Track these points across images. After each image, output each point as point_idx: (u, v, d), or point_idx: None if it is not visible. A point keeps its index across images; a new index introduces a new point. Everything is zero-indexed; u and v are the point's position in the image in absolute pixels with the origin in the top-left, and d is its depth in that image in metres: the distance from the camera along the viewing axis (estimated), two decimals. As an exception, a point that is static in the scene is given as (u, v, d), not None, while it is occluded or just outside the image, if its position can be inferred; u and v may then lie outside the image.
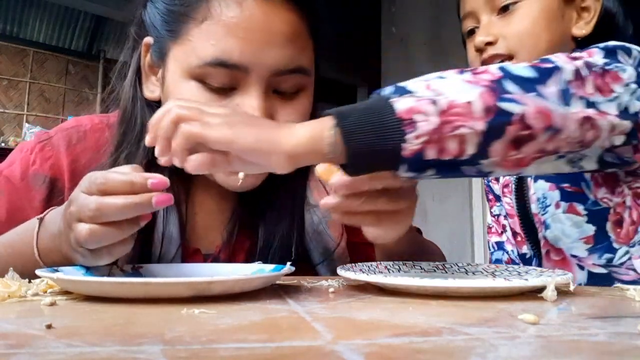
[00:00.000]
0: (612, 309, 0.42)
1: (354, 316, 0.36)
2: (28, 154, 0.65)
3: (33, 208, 0.63)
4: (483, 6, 0.78)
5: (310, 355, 0.25)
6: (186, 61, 0.58)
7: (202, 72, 0.57)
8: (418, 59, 3.30)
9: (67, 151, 0.65)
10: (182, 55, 0.59)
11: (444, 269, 0.59)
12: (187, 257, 0.66)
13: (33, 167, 0.64)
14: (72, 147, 0.66)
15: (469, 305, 0.41)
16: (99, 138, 0.67)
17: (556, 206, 0.73)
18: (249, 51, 0.56)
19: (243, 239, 0.70)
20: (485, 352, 0.26)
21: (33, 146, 0.66)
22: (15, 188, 0.64)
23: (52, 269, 0.46)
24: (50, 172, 0.64)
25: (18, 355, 0.24)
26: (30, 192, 0.63)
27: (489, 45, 0.76)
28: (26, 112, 4.27)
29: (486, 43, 0.76)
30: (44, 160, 0.65)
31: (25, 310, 0.38)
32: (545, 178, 0.73)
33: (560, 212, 0.72)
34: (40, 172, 0.64)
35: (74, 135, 0.67)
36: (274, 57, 0.57)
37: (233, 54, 0.56)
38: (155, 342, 0.27)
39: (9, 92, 4.24)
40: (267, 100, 0.59)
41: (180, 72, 0.59)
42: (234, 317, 0.35)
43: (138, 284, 0.40)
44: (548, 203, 0.74)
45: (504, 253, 0.90)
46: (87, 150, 0.66)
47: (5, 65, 4.23)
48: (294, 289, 0.49)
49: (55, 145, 0.66)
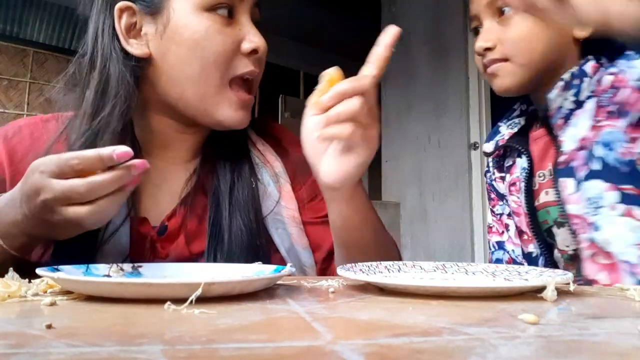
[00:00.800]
0: (612, 309, 0.42)
1: (354, 316, 0.36)
2: None
3: None
4: (485, 10, 0.82)
5: (310, 355, 0.25)
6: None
7: (213, 2, 0.67)
8: (418, 59, 3.30)
9: (4, 144, 0.71)
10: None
11: (444, 269, 0.59)
12: (136, 226, 0.70)
13: None
14: (8, 140, 0.72)
15: (469, 305, 0.41)
16: (33, 130, 0.74)
17: (612, 208, 0.72)
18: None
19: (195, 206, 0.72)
20: (485, 352, 0.26)
21: None
22: None
23: (53, 269, 0.46)
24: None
25: (18, 355, 0.24)
26: None
27: (488, 51, 0.81)
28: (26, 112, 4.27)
29: (485, 49, 0.81)
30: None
31: (25, 310, 0.38)
32: (605, 178, 0.73)
33: (617, 214, 0.71)
34: None
35: (10, 131, 0.74)
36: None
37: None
38: (155, 342, 0.27)
39: (9, 92, 4.24)
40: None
41: (191, 9, 0.67)
42: (234, 317, 0.35)
43: (138, 284, 0.40)
44: (602, 204, 0.72)
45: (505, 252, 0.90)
46: (23, 140, 0.72)
47: (5, 65, 4.23)
48: (294, 289, 0.49)
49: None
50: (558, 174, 0.78)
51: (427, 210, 3.21)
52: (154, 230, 0.71)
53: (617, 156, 0.72)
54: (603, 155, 0.73)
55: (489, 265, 0.58)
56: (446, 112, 3.15)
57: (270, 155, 0.79)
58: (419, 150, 3.28)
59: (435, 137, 3.21)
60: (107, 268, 0.53)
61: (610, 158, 0.73)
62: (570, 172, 0.77)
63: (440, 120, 3.18)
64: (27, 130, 0.74)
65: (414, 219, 3.28)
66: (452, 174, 3.09)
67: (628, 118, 0.72)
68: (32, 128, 0.74)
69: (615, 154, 0.72)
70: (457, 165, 3.07)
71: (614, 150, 0.72)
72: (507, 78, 0.81)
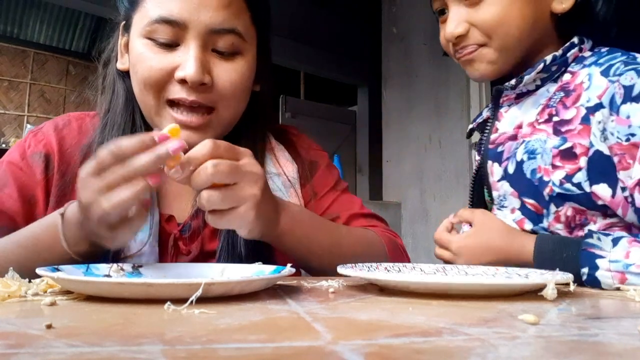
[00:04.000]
0: (612, 309, 0.42)
1: (354, 316, 0.36)
2: (23, 142, 0.76)
3: (36, 182, 0.72)
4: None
5: (310, 355, 0.25)
6: (140, 24, 0.69)
7: (151, 29, 0.68)
8: (418, 59, 3.30)
9: (54, 133, 0.76)
10: (139, 20, 0.70)
11: (444, 272, 0.59)
12: (164, 223, 0.72)
13: (29, 149, 0.74)
14: (58, 130, 0.77)
15: (469, 305, 0.41)
16: (81, 124, 0.78)
17: (511, 211, 0.72)
18: (186, 10, 0.67)
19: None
20: (485, 353, 0.26)
21: (27, 136, 0.78)
22: (18, 168, 0.73)
23: (53, 268, 0.46)
24: (44, 150, 0.74)
25: (18, 355, 0.24)
26: (31, 168, 0.73)
27: (460, 38, 0.74)
28: (27, 113, 4.28)
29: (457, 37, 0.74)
30: (38, 142, 0.75)
31: (25, 310, 0.38)
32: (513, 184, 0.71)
33: (512, 219, 0.71)
34: (36, 150, 0.74)
35: (60, 122, 0.79)
36: (209, 17, 0.67)
37: (173, 12, 0.67)
38: (155, 342, 0.27)
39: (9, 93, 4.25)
40: (204, 55, 0.68)
41: (136, 34, 0.70)
42: (234, 317, 0.35)
43: (138, 284, 0.40)
44: (505, 205, 0.73)
45: None
46: (72, 132, 0.77)
47: (5, 67, 4.24)
48: (294, 289, 0.49)
49: (45, 131, 0.77)
50: (489, 154, 0.76)
51: (428, 210, 3.21)
52: (178, 228, 0.73)
53: (534, 167, 0.68)
54: (520, 161, 0.70)
55: (488, 268, 0.58)
56: (447, 111, 3.15)
57: (285, 160, 0.81)
58: (420, 150, 3.28)
59: (436, 137, 3.21)
60: (108, 268, 0.53)
61: (526, 167, 0.69)
62: (498, 158, 0.75)
63: (441, 120, 3.18)
64: (75, 123, 0.78)
65: (415, 219, 3.28)
66: (453, 173, 3.09)
67: (561, 141, 0.66)
68: (80, 122, 0.79)
69: (534, 165, 0.68)
70: (458, 165, 3.07)
71: (534, 160, 0.68)
72: (484, 64, 0.75)
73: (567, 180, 0.64)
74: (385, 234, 0.80)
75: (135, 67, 0.69)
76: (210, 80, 0.68)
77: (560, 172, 0.64)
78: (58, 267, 0.48)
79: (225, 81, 0.69)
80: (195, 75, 0.65)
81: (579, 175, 0.63)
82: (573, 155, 0.64)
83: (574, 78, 0.69)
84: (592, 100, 0.64)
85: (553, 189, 0.65)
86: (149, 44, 0.68)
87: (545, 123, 0.69)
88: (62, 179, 0.72)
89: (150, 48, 0.68)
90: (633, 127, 0.58)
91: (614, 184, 0.62)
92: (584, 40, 0.72)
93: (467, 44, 0.74)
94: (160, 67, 0.67)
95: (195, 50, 0.67)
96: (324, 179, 0.84)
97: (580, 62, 0.71)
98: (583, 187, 0.63)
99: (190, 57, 0.66)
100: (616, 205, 0.62)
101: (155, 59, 0.67)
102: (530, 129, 0.71)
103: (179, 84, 0.67)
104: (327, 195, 0.83)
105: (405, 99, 3.41)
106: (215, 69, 0.69)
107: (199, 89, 0.67)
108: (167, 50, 0.68)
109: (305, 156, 0.85)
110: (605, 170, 0.62)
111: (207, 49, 0.68)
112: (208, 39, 0.68)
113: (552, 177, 0.65)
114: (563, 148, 0.65)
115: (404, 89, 3.40)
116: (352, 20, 4.00)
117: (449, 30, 0.74)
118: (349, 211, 0.81)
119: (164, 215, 0.73)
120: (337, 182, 0.85)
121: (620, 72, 0.62)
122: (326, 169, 0.86)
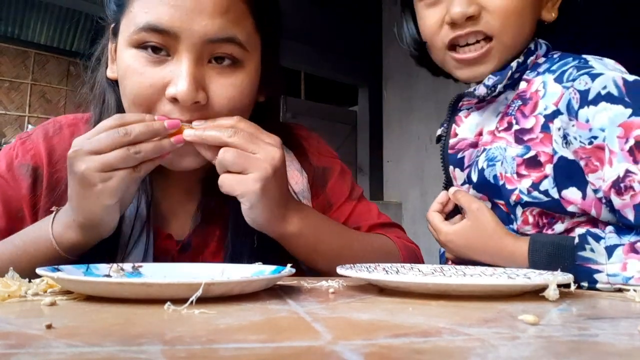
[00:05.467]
0: (613, 309, 0.42)
1: (354, 316, 0.36)
2: (11, 151, 0.71)
3: (22, 196, 0.68)
4: None
5: (310, 355, 0.25)
6: (127, 31, 0.62)
7: (138, 38, 0.60)
8: (419, 60, 3.30)
9: (44, 142, 0.71)
10: (126, 26, 0.63)
11: (441, 272, 0.59)
12: (160, 241, 0.69)
13: (16, 159, 0.70)
14: (49, 138, 0.72)
15: (469, 305, 0.41)
16: (74, 131, 0.72)
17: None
18: (177, 18, 0.59)
19: (214, 227, 0.72)
20: (485, 353, 0.26)
21: (15, 143, 0.73)
22: (4, 180, 0.69)
23: (53, 268, 0.46)
24: (32, 162, 0.70)
25: (18, 355, 0.24)
26: (17, 181, 0.69)
27: (469, 20, 0.65)
28: (28, 114, 4.28)
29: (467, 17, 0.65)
30: (25, 152, 0.70)
31: (25, 310, 0.38)
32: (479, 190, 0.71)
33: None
34: (24, 162, 0.70)
35: (51, 129, 0.73)
36: (204, 25, 0.59)
37: (163, 20, 0.59)
38: (155, 342, 0.27)
39: (10, 94, 4.25)
40: (198, 68, 0.61)
41: (123, 42, 0.63)
42: (234, 317, 0.35)
43: (138, 284, 0.40)
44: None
45: None
46: (63, 141, 0.71)
47: (6, 67, 4.25)
48: (294, 290, 0.49)
49: (35, 139, 0.72)
50: (449, 159, 0.75)
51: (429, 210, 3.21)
52: (177, 247, 0.70)
53: (495, 174, 0.67)
54: (482, 169, 0.69)
55: (486, 269, 0.58)
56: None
57: (295, 172, 0.76)
58: (421, 151, 3.28)
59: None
60: (108, 268, 0.53)
61: (488, 174, 0.68)
62: (460, 163, 0.74)
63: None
64: (67, 130, 0.73)
65: (416, 219, 3.27)
66: (454, 174, 3.09)
67: (525, 150, 0.65)
68: (72, 129, 0.73)
69: (493, 171, 0.67)
70: (458, 166, 3.07)
71: (493, 167, 0.67)
72: (486, 66, 0.68)
73: (534, 189, 0.63)
74: (402, 240, 0.78)
75: (124, 81, 0.62)
76: (204, 97, 0.60)
77: (527, 181, 0.64)
78: (58, 267, 0.48)
79: (222, 98, 0.61)
80: (187, 94, 0.58)
81: (545, 182, 0.63)
82: (538, 163, 0.64)
83: (529, 86, 0.67)
84: (549, 108, 0.63)
85: (521, 197, 0.64)
86: (137, 55, 0.61)
87: (505, 131, 0.68)
88: (52, 193, 0.68)
89: (138, 60, 0.61)
90: (594, 130, 0.58)
91: (583, 187, 0.61)
92: (537, 46, 0.70)
93: (474, 29, 0.66)
94: (150, 83, 0.60)
95: (188, 64, 0.59)
96: (338, 188, 0.80)
97: (534, 69, 0.69)
98: (551, 194, 0.63)
99: (182, 72, 0.59)
100: (588, 206, 0.61)
101: (144, 73, 0.60)
102: (491, 137, 0.70)
103: (170, 102, 0.60)
104: (344, 206, 0.79)
105: (406, 99, 3.41)
106: (211, 84, 0.61)
107: (192, 107, 0.60)
108: (156, 63, 0.60)
109: (317, 163, 0.80)
110: (572, 174, 0.61)
111: (202, 61, 0.61)
112: (203, 49, 0.60)
113: (520, 185, 0.64)
114: (527, 157, 0.64)
115: (404, 89, 3.40)
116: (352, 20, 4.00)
117: (459, 9, 0.64)
118: (368, 221, 0.79)
119: (162, 233, 0.70)
120: (352, 189, 0.82)
121: (573, 77, 0.62)
122: (340, 177, 0.81)
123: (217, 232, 0.72)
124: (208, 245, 0.71)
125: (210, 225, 0.71)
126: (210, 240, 0.72)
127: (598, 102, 0.58)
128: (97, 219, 0.59)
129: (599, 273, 0.56)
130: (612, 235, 0.57)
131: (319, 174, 0.80)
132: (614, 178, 0.57)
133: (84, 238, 0.60)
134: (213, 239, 0.72)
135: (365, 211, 0.81)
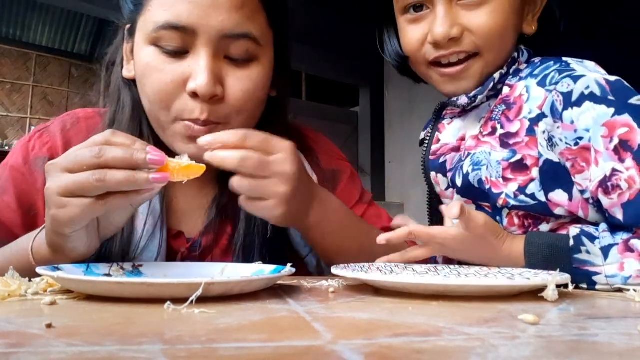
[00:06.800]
0: (612, 309, 0.42)
1: (354, 316, 0.36)
2: (27, 142, 0.71)
3: (37, 190, 0.67)
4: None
5: (310, 355, 0.25)
6: (145, 29, 0.63)
7: (157, 36, 0.62)
8: (420, 61, 3.30)
9: (61, 134, 0.71)
10: (143, 24, 0.64)
11: (435, 271, 0.59)
12: (171, 239, 0.69)
13: (33, 152, 0.70)
14: (65, 131, 0.72)
15: (469, 305, 0.41)
16: (91, 124, 0.73)
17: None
18: (195, 14, 0.60)
19: (225, 225, 0.71)
20: (485, 353, 0.26)
21: (32, 135, 0.72)
22: (20, 174, 0.69)
23: (53, 268, 0.46)
24: (49, 154, 0.69)
25: (18, 354, 0.24)
26: (33, 175, 0.68)
27: (452, 41, 0.66)
28: (29, 116, 4.29)
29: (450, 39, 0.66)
30: (42, 145, 0.70)
31: (25, 310, 0.38)
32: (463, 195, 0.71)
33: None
34: (40, 155, 0.69)
35: (68, 122, 0.73)
36: (221, 21, 0.61)
37: (182, 17, 0.60)
38: (155, 342, 0.27)
39: (12, 96, 4.26)
40: (216, 63, 0.62)
41: (142, 41, 0.64)
42: (234, 317, 0.35)
43: (138, 284, 0.40)
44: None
45: None
46: (80, 134, 0.71)
47: (8, 69, 4.25)
48: (294, 289, 0.49)
49: (52, 131, 0.72)
50: (430, 165, 0.75)
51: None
52: (187, 245, 0.70)
53: (480, 178, 0.67)
54: (466, 173, 0.69)
55: (481, 269, 0.58)
56: (448, 113, 3.15)
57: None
58: (422, 151, 3.28)
59: (437, 139, 3.21)
60: (108, 267, 0.53)
61: (472, 178, 0.68)
62: (442, 168, 0.74)
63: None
64: (84, 123, 0.73)
65: (418, 220, 3.24)
66: (455, 175, 3.09)
67: (510, 154, 0.65)
68: (89, 122, 0.73)
69: (479, 175, 0.67)
70: (460, 167, 3.07)
71: (479, 171, 0.67)
72: (467, 81, 0.69)
73: (520, 192, 0.63)
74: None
75: (143, 79, 0.63)
76: (222, 91, 0.62)
77: (513, 185, 0.64)
78: (58, 267, 0.48)
79: (238, 91, 0.63)
80: (206, 88, 0.60)
81: (531, 186, 0.63)
82: (524, 167, 0.64)
83: (512, 91, 0.68)
84: (534, 112, 0.63)
85: (507, 201, 0.64)
86: (156, 52, 0.62)
87: (490, 136, 0.68)
88: None
89: (157, 57, 0.62)
90: (579, 131, 0.58)
91: (569, 188, 0.61)
92: (520, 53, 0.70)
93: (458, 49, 0.67)
94: (170, 79, 0.61)
95: (206, 59, 0.61)
96: (348, 191, 0.80)
97: (516, 74, 0.69)
98: (537, 197, 0.63)
99: (201, 67, 0.60)
100: (575, 207, 0.61)
101: (164, 70, 0.61)
102: (475, 141, 0.70)
103: (189, 96, 0.61)
104: (355, 209, 0.78)
105: (407, 100, 3.40)
106: (228, 78, 0.63)
107: (210, 101, 0.62)
108: (175, 59, 0.62)
109: (326, 165, 0.80)
110: (558, 177, 0.62)
111: (219, 56, 0.63)
112: (220, 45, 0.62)
113: (506, 189, 0.64)
114: (513, 160, 0.64)
115: (406, 90, 3.40)
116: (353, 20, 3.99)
117: (442, 30, 0.65)
118: (378, 225, 0.78)
119: (172, 230, 0.70)
120: (362, 194, 0.82)
121: (555, 80, 0.62)
122: (350, 181, 0.81)
123: (228, 230, 0.71)
124: (219, 242, 0.71)
125: (223, 221, 0.71)
126: (220, 237, 0.71)
127: (582, 102, 0.58)
128: (59, 243, 0.54)
129: (597, 275, 0.56)
130: (606, 235, 0.57)
131: (329, 176, 0.79)
132: (601, 177, 0.57)
133: (54, 258, 0.56)
134: (224, 236, 0.71)
135: (376, 215, 0.81)
